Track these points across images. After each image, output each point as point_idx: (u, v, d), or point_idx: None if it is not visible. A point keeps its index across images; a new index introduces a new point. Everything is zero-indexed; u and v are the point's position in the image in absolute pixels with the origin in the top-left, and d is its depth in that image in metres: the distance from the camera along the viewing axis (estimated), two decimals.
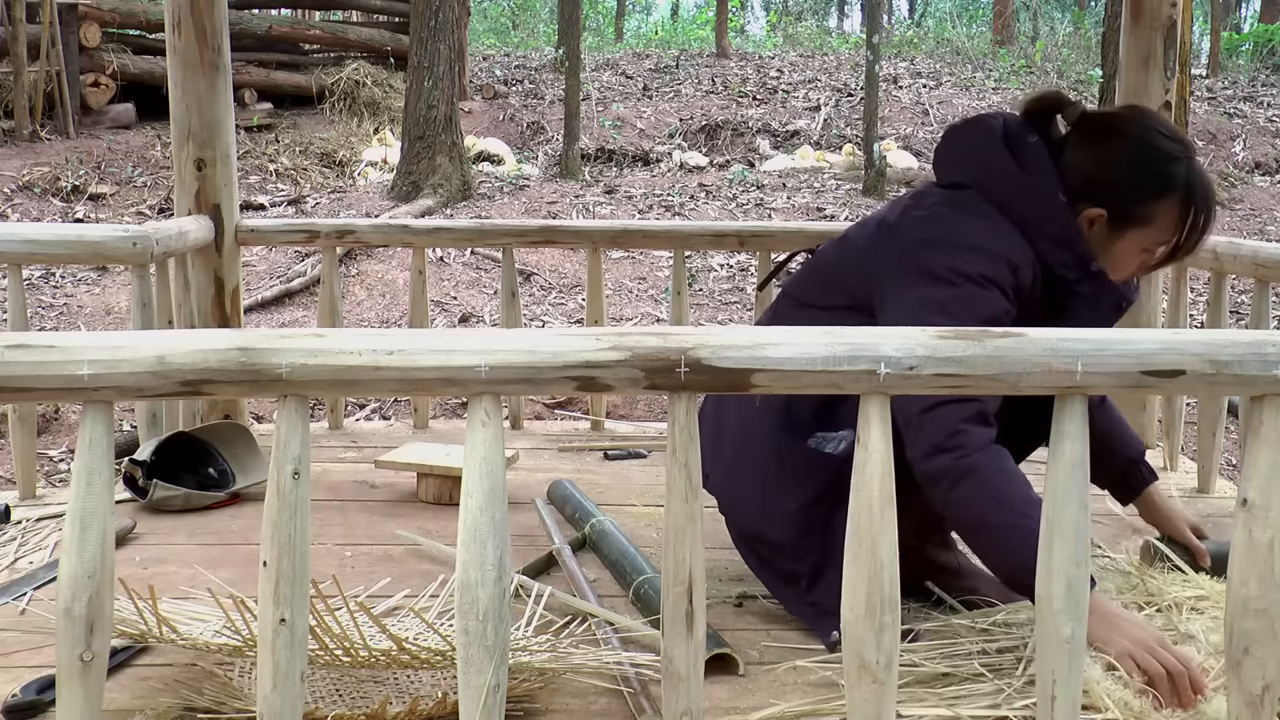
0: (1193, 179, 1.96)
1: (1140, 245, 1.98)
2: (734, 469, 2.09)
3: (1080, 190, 1.97)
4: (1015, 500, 1.78)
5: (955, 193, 2.04)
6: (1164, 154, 1.96)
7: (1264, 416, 1.42)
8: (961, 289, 1.88)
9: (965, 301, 1.86)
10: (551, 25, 19.83)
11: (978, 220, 1.96)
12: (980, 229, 1.95)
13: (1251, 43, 16.19)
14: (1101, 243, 1.98)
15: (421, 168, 8.90)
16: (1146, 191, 1.95)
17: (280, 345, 1.36)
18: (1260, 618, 1.42)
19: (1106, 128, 2.03)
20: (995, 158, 2.00)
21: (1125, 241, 1.98)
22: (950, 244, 1.93)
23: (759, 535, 2.09)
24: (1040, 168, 1.98)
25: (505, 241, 3.47)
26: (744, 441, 2.09)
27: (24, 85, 9.28)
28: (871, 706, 1.40)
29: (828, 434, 2.01)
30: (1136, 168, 1.96)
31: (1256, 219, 8.88)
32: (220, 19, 3.17)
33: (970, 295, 1.87)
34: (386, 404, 5.23)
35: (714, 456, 1.99)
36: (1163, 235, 1.97)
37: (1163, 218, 1.95)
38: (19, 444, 2.84)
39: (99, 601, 1.36)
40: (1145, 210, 1.95)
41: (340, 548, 2.48)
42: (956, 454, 1.81)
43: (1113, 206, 1.96)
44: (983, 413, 1.83)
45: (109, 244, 2.79)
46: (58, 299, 6.53)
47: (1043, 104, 2.06)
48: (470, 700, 1.37)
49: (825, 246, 2.17)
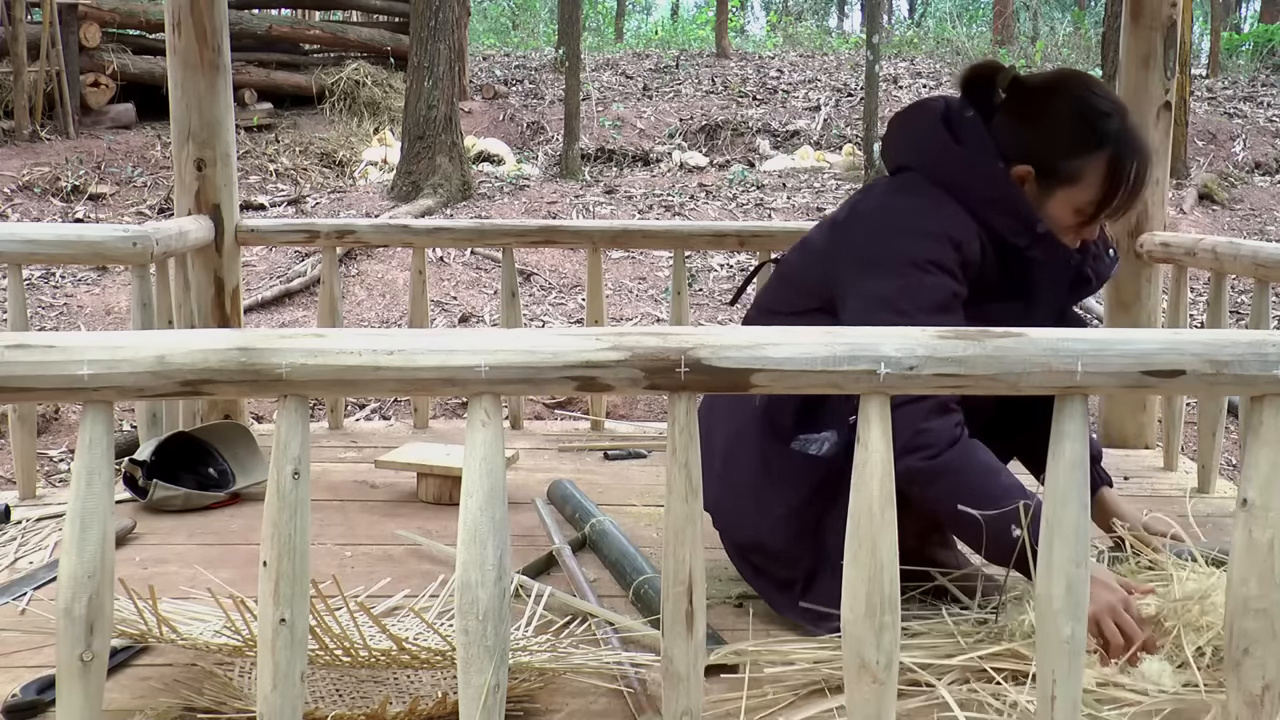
0: (1122, 134, 1.96)
1: (1071, 204, 1.98)
2: (724, 480, 2.09)
3: (1011, 152, 1.98)
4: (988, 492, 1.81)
5: (898, 177, 2.07)
6: (1093, 110, 1.97)
7: (1264, 416, 1.42)
8: (908, 278, 1.89)
9: (912, 291, 1.88)
10: (551, 25, 19.83)
11: (918, 201, 1.98)
12: (921, 209, 1.97)
13: (1251, 43, 16.19)
14: (1034, 203, 1.99)
15: (421, 168, 8.90)
16: (1073, 147, 1.96)
17: (280, 345, 1.36)
18: (1260, 618, 1.42)
19: (1037, 89, 2.05)
20: (933, 137, 2.02)
21: (1056, 200, 1.98)
22: (893, 230, 1.96)
23: (753, 544, 2.09)
24: (976, 138, 1.99)
25: (505, 241, 3.47)
26: (731, 452, 2.09)
27: (24, 85, 9.28)
28: (871, 706, 1.40)
29: (810, 436, 2.01)
30: (1064, 123, 1.97)
31: (1256, 219, 8.88)
32: (220, 19, 3.17)
33: (916, 284, 1.89)
34: (386, 404, 5.23)
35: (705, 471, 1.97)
36: (1092, 192, 1.97)
37: (1090, 174, 1.96)
38: (19, 444, 2.84)
39: (99, 601, 1.36)
40: (1072, 166, 1.96)
41: (340, 548, 2.48)
42: (923, 454, 1.82)
43: (1040, 164, 1.97)
44: (941, 404, 1.84)
45: (109, 244, 2.79)
46: (58, 299, 6.54)
47: (979, 74, 2.08)
48: (470, 700, 1.37)
49: (789, 253, 2.19)
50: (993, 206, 1.96)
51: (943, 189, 1.98)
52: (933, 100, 2.11)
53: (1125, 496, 2.56)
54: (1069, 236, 2.03)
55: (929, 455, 1.83)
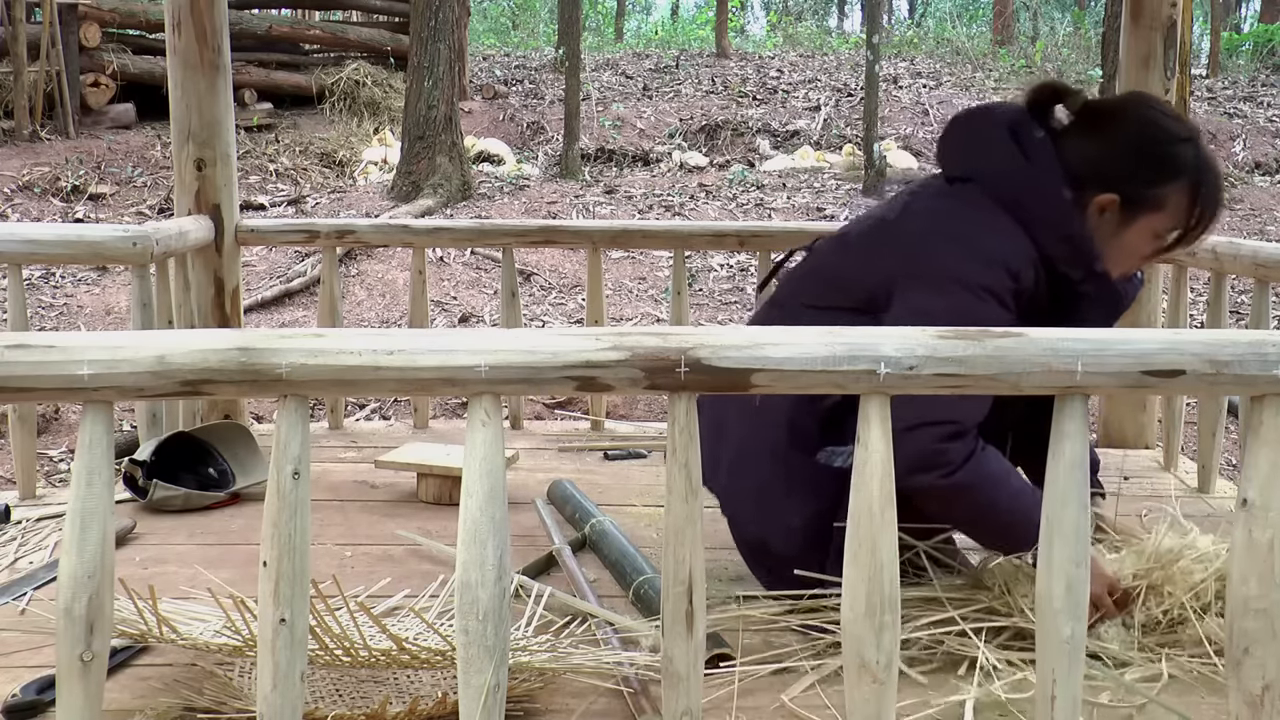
0: (1201, 161, 1.95)
1: (1153, 230, 1.96)
2: (735, 477, 2.07)
3: (1088, 180, 1.94)
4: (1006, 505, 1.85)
5: (958, 187, 2.01)
6: (1172, 136, 1.96)
7: (1264, 416, 1.42)
8: (956, 299, 1.85)
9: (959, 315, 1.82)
10: (551, 25, 19.82)
11: (978, 217, 1.94)
12: (980, 228, 1.93)
13: (1251, 43, 16.19)
14: (1112, 231, 1.96)
15: (421, 168, 8.90)
16: (1157, 175, 1.94)
17: (280, 345, 1.36)
18: (1260, 618, 1.42)
19: (1110, 114, 2.01)
20: (1001, 151, 1.97)
21: (1138, 227, 1.96)
22: (949, 245, 1.92)
23: (762, 545, 2.08)
24: (1047, 162, 1.95)
25: (505, 241, 3.47)
26: (746, 451, 2.06)
27: (24, 85, 9.28)
28: (871, 706, 1.40)
29: (837, 449, 1.98)
30: (1146, 151, 1.95)
31: (1256, 219, 8.88)
32: (220, 19, 3.17)
33: (966, 308, 1.84)
34: (386, 404, 5.23)
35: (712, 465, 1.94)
36: (1174, 219, 1.95)
37: (1174, 201, 1.94)
38: (19, 444, 2.84)
39: (99, 601, 1.36)
40: (1157, 193, 1.94)
41: (340, 548, 2.48)
42: (937, 473, 1.82)
43: (1124, 192, 1.93)
44: (959, 433, 1.83)
45: (109, 244, 2.79)
46: (58, 299, 6.53)
47: (1043, 94, 2.03)
48: (470, 700, 1.37)
49: (822, 245, 2.15)
50: (1054, 233, 1.92)
51: (1003, 207, 1.93)
52: (1000, 108, 2.06)
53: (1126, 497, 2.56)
54: (1138, 263, 2.01)
55: (943, 474, 1.82)
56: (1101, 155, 1.96)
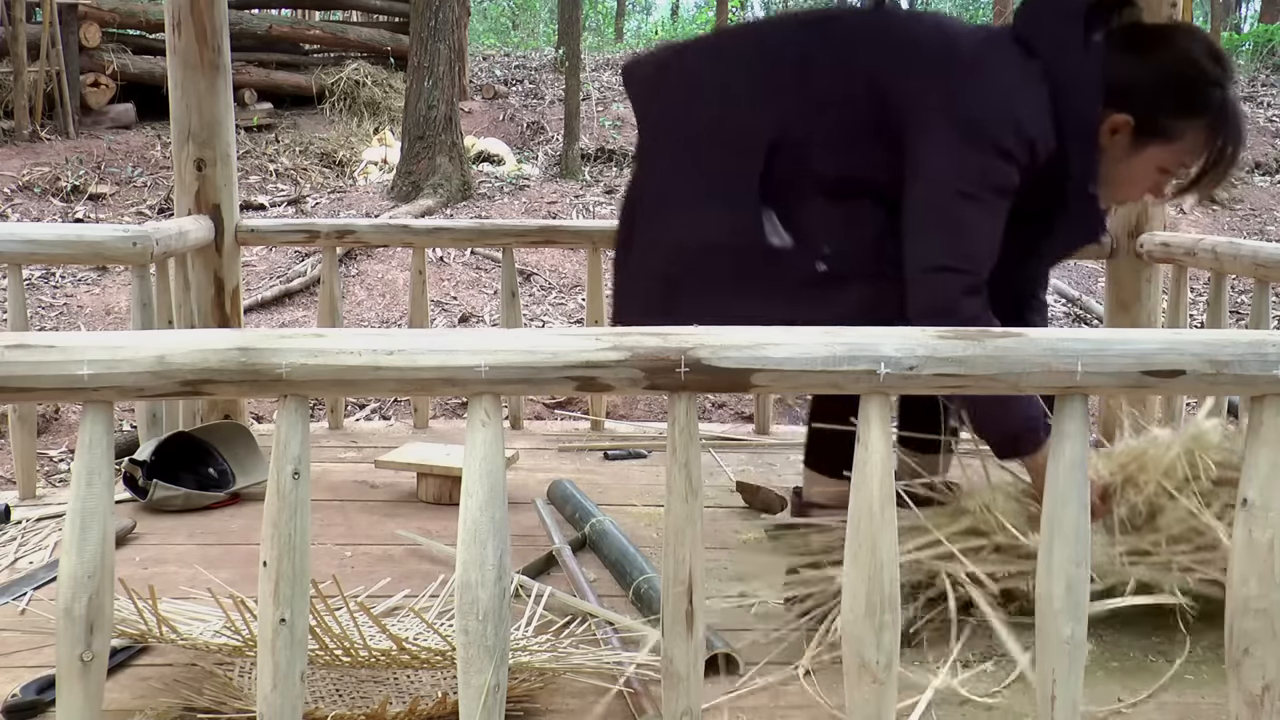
0: (1227, 107, 1.94)
1: (1158, 162, 1.97)
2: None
3: (1111, 95, 1.94)
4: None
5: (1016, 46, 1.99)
6: (1206, 75, 1.95)
7: (1264, 416, 1.42)
8: (985, 157, 1.90)
9: (986, 171, 1.90)
10: (551, 25, 19.82)
11: (1028, 92, 1.94)
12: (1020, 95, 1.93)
13: (1251, 43, 16.18)
14: (1118, 154, 1.97)
15: (421, 168, 8.90)
16: (1179, 106, 1.93)
17: (280, 345, 1.36)
18: (1260, 618, 1.42)
19: (1154, 36, 2.01)
20: (1072, 38, 1.96)
21: (1145, 155, 1.96)
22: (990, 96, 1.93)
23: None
24: (1094, 66, 1.95)
25: (505, 241, 3.47)
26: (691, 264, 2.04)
27: (24, 85, 9.28)
28: (871, 707, 1.40)
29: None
30: (1175, 81, 1.94)
31: (1256, 219, 8.88)
32: (220, 19, 3.17)
33: (991, 166, 1.90)
34: (386, 404, 5.23)
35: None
36: (1183, 157, 1.96)
37: (1189, 138, 1.94)
38: (19, 444, 2.84)
39: (99, 601, 1.36)
40: (1173, 125, 1.94)
41: (340, 548, 2.48)
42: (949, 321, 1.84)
43: (1141, 116, 1.94)
44: (977, 285, 1.90)
45: (109, 244, 2.79)
46: (58, 299, 6.54)
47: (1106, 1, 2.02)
48: (470, 700, 1.37)
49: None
50: (1075, 134, 1.94)
51: (1048, 85, 1.94)
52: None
53: None
54: (1132, 193, 2.04)
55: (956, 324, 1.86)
56: (1132, 74, 1.95)
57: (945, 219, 1.92)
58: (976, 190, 1.89)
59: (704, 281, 2.01)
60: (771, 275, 1.98)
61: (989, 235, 1.93)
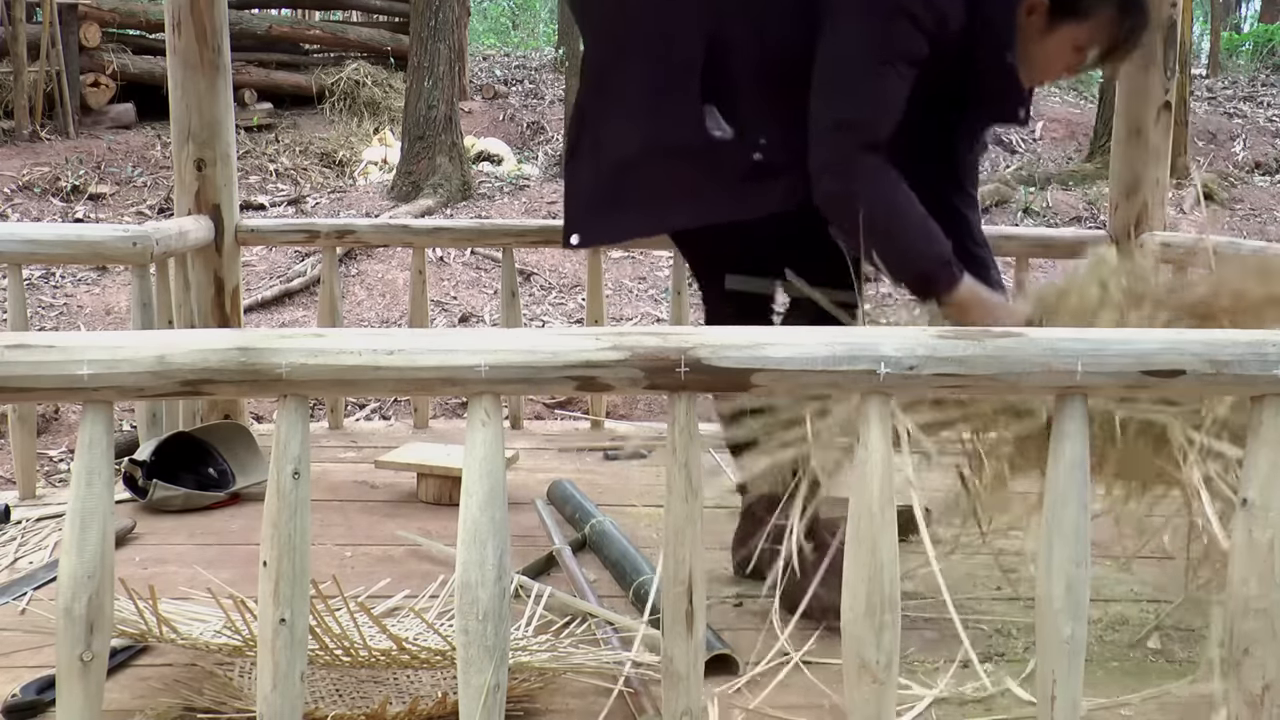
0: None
1: (1073, 40, 2.04)
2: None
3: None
4: (910, 220, 1.94)
5: None
6: None
7: (1264, 416, 1.42)
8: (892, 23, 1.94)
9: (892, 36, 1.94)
10: (551, 25, 19.82)
11: None
12: None
13: (1251, 43, 16.18)
14: (1034, 34, 2.04)
15: (421, 168, 8.90)
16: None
17: (280, 345, 1.36)
18: (1260, 618, 1.42)
19: None
20: None
21: (1060, 33, 2.04)
22: None
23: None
24: None
25: (505, 241, 3.47)
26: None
27: (24, 85, 9.28)
28: (871, 707, 1.40)
29: None
30: None
31: (1256, 219, 8.87)
32: (220, 19, 3.17)
33: (898, 31, 1.94)
34: (386, 404, 5.23)
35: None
36: (1095, 34, 2.03)
37: (1099, 18, 2.02)
38: (19, 444, 2.84)
39: (99, 601, 1.36)
40: (1084, 4, 2.01)
41: (340, 548, 2.48)
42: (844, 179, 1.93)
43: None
44: (875, 143, 1.93)
45: (109, 244, 2.79)
46: (58, 299, 6.54)
47: None
48: (470, 700, 1.37)
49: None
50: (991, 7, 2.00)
51: None
52: None
53: None
54: (1054, 70, 2.10)
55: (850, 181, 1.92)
56: None
57: (846, 80, 1.97)
58: (881, 54, 1.94)
59: (647, 179, 2.10)
60: (710, 169, 2.06)
61: (891, 100, 1.96)
